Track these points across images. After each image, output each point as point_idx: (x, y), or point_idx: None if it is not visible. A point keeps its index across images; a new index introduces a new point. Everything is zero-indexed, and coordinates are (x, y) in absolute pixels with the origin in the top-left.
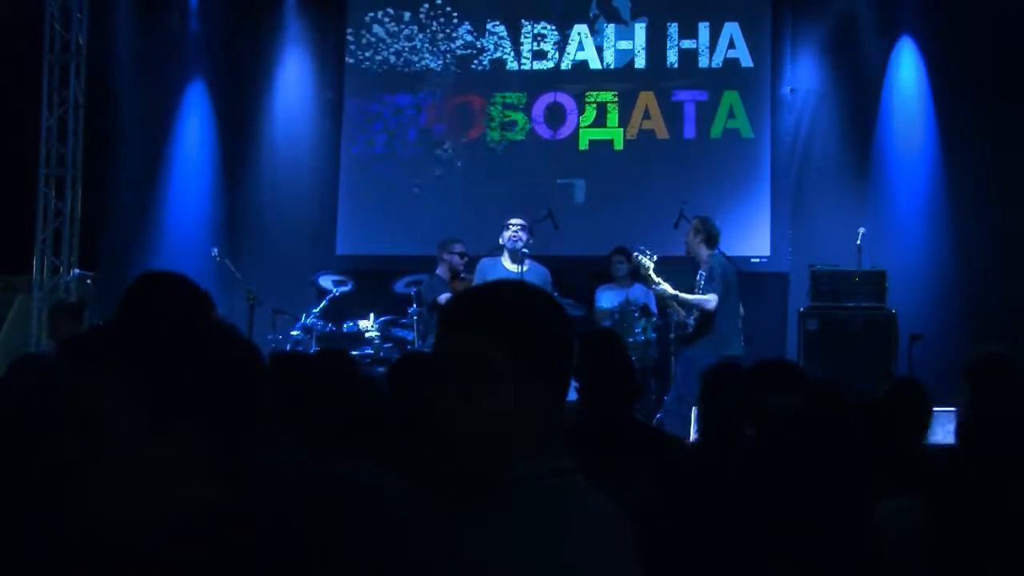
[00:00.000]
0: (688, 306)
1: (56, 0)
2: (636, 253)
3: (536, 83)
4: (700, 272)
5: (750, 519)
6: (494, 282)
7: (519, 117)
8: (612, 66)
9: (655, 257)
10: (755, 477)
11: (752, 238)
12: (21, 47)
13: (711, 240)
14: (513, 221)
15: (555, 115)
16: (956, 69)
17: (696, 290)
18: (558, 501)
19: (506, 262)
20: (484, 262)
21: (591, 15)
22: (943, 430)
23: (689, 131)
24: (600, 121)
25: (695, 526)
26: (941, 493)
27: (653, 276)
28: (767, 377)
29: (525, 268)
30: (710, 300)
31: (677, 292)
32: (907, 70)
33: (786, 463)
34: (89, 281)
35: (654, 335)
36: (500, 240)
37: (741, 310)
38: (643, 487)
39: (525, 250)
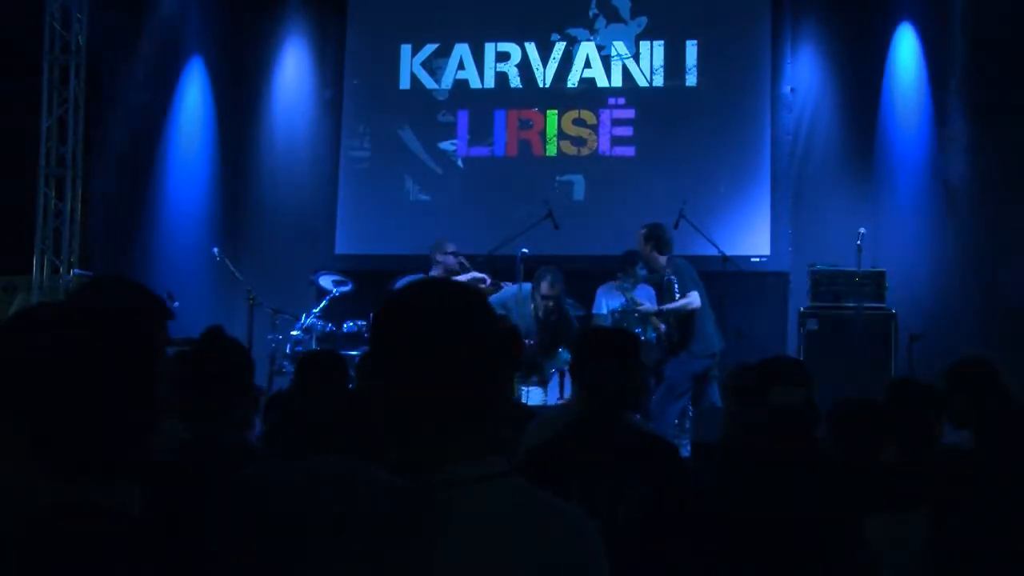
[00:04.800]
0: (673, 315)
1: (56, 0)
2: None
3: (546, 99)
4: (667, 276)
5: (745, 527)
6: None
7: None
8: (614, 72)
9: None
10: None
11: (752, 237)
12: (21, 47)
13: (662, 246)
14: (548, 292)
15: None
16: (956, 68)
17: (671, 292)
18: (506, 502)
19: (528, 310)
20: (507, 295)
21: (590, 15)
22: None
23: (689, 130)
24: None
25: (690, 533)
26: (946, 508)
27: (635, 299)
28: (777, 373)
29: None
30: (693, 299)
31: (660, 307)
32: (907, 70)
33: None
34: None
35: (654, 335)
36: (534, 291)
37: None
38: (634, 493)
39: (554, 317)
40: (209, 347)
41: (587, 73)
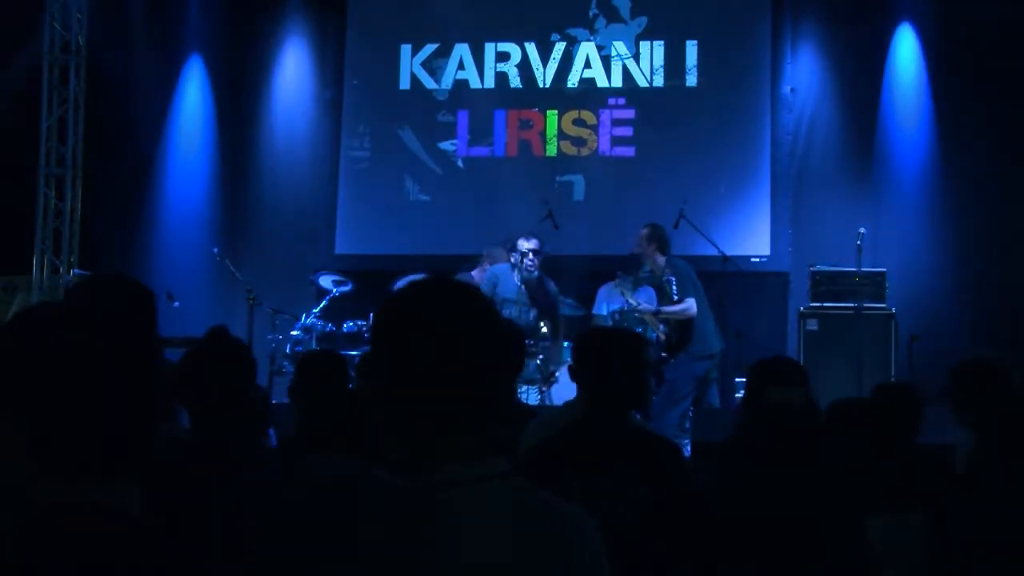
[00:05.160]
0: (670, 318)
1: (56, 0)
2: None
3: (546, 99)
4: (667, 277)
5: (745, 531)
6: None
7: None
8: (614, 72)
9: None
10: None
11: (752, 238)
12: (21, 47)
13: (663, 245)
14: (528, 246)
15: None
16: (956, 68)
17: (669, 293)
18: (509, 502)
19: (516, 277)
20: (499, 268)
21: (590, 15)
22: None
23: (689, 130)
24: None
25: (688, 536)
26: (946, 508)
27: (632, 300)
28: (774, 373)
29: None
30: (690, 306)
31: (659, 307)
32: (907, 70)
33: (789, 468)
34: None
35: (654, 335)
36: (512, 260)
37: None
38: (634, 493)
39: (536, 273)
40: (212, 347)
41: (587, 73)
